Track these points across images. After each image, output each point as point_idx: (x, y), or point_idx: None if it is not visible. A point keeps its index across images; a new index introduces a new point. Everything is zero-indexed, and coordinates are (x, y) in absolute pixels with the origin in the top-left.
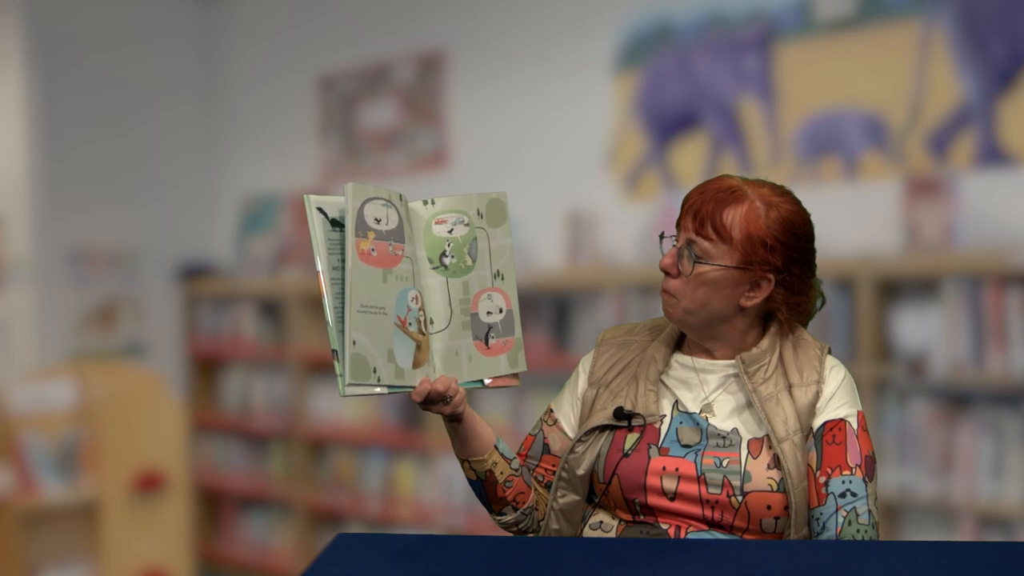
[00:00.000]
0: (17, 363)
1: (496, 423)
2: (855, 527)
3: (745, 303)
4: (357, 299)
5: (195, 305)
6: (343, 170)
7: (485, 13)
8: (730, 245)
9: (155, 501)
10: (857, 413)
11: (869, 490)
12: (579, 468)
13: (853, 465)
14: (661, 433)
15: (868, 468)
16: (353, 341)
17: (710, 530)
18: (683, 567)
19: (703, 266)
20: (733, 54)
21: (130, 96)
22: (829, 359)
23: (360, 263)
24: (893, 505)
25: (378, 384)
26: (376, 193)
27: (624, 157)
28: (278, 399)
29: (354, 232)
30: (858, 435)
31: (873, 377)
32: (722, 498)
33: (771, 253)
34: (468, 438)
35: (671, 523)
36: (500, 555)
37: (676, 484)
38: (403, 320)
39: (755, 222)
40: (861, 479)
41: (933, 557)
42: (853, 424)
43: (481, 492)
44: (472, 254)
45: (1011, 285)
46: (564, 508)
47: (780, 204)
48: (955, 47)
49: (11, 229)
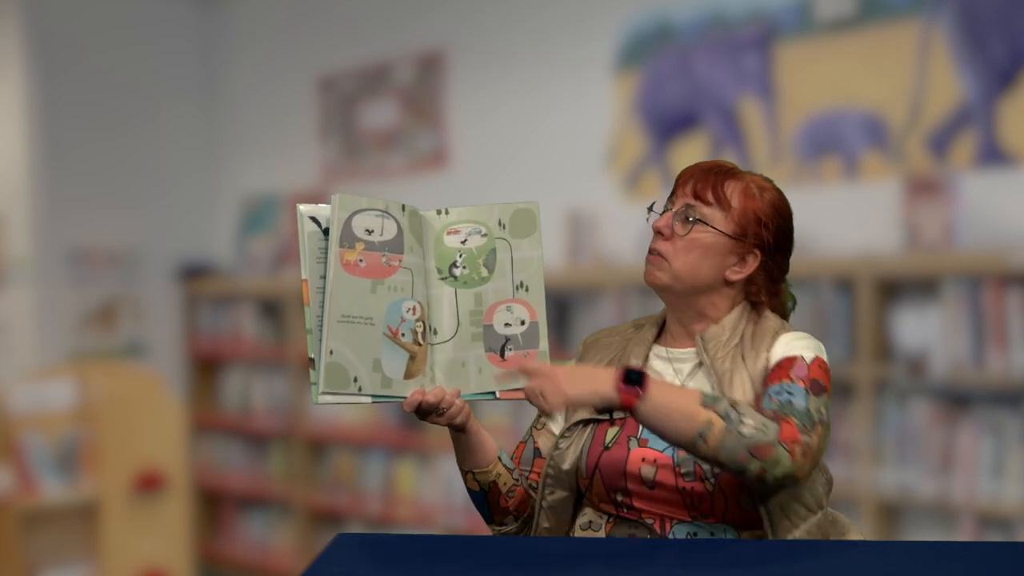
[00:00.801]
0: (17, 363)
1: (496, 425)
2: (785, 409)
3: (731, 276)
4: (338, 309)
5: (195, 305)
6: (343, 170)
7: (485, 13)
8: (727, 213)
9: (155, 501)
10: (815, 357)
11: (811, 400)
12: (564, 463)
13: (796, 377)
14: (640, 425)
15: (814, 386)
16: (330, 351)
17: (693, 522)
18: (683, 567)
19: (701, 227)
20: (733, 54)
21: (130, 96)
22: (789, 334)
23: (343, 273)
24: (893, 505)
25: (359, 393)
26: (370, 204)
27: (624, 157)
28: (278, 399)
29: (338, 242)
30: (809, 367)
31: (873, 377)
32: (696, 485)
33: (764, 230)
34: (473, 449)
35: (654, 516)
36: (500, 555)
37: (654, 473)
38: (394, 330)
39: (752, 198)
40: (804, 389)
41: (933, 557)
42: (807, 359)
43: (484, 503)
44: (488, 265)
45: (1011, 285)
46: (553, 505)
47: (770, 189)
48: (955, 47)
49: (11, 229)
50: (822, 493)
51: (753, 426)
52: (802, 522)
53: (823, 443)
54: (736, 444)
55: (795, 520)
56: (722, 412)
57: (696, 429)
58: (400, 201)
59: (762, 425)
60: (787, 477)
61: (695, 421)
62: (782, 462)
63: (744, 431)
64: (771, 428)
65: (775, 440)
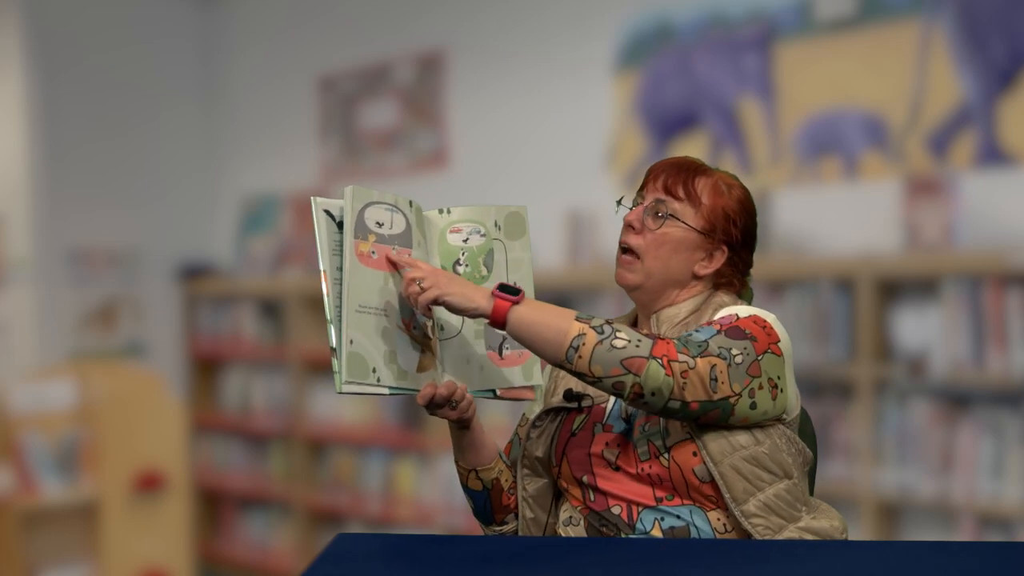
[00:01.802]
0: (17, 363)
1: (496, 425)
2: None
3: (699, 271)
4: (355, 299)
5: (195, 305)
6: (343, 170)
7: (485, 13)
8: (697, 209)
9: (155, 501)
10: (751, 314)
11: (716, 338)
12: (537, 451)
13: (714, 322)
14: (606, 411)
15: (731, 331)
16: (351, 340)
17: (658, 506)
18: (685, 568)
19: (672, 222)
20: (733, 54)
21: (130, 96)
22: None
23: (359, 264)
24: (893, 505)
25: (378, 384)
26: (380, 198)
27: (624, 157)
28: (278, 399)
29: (353, 234)
30: (740, 319)
31: (873, 377)
32: (654, 464)
33: (732, 226)
34: (475, 447)
35: (620, 503)
36: (500, 555)
37: (616, 456)
38: (407, 323)
39: (721, 195)
40: (715, 330)
41: (933, 557)
42: (740, 315)
43: (487, 502)
44: (488, 264)
45: (1011, 285)
46: (534, 495)
47: (738, 187)
48: (955, 47)
49: (11, 229)
50: (790, 464)
51: (626, 339)
52: (766, 486)
53: (731, 382)
54: (608, 356)
55: (756, 483)
56: (596, 326)
57: (568, 341)
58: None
59: (636, 340)
60: (664, 392)
61: (568, 334)
62: (656, 376)
63: (616, 343)
64: (645, 343)
65: (647, 353)
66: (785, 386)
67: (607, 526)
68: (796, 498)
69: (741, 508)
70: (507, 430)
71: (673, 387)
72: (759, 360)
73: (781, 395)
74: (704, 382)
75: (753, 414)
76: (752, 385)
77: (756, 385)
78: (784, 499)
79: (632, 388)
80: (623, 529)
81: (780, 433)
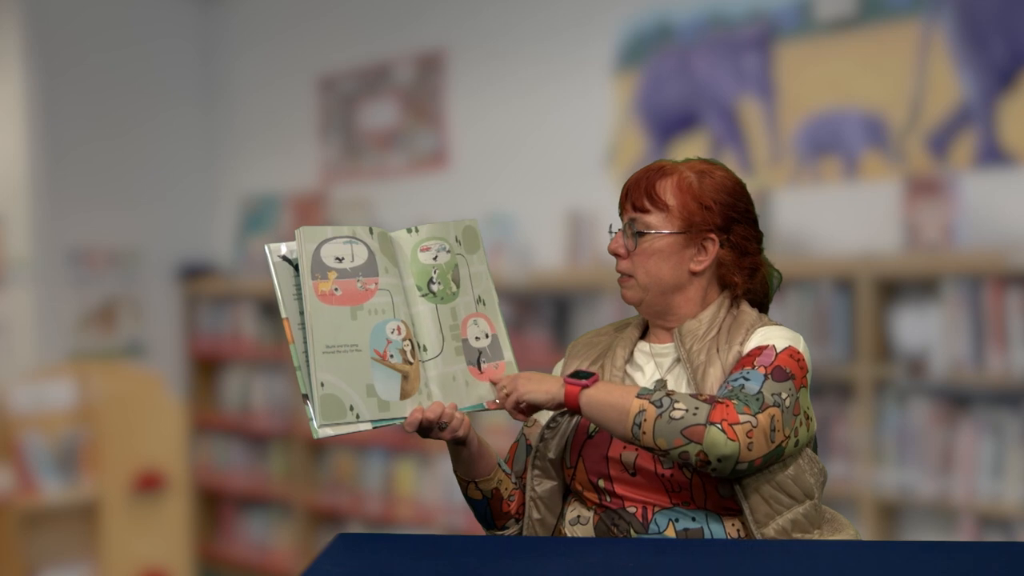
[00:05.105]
0: (17, 363)
1: (496, 424)
2: (734, 393)
3: (695, 268)
4: (322, 340)
5: (195, 305)
6: (343, 170)
7: (485, 13)
8: (667, 212)
9: (155, 501)
10: (787, 346)
11: (768, 384)
12: (549, 452)
13: (758, 364)
14: None
15: (776, 372)
16: (321, 383)
17: (674, 508)
18: (685, 568)
19: (646, 236)
20: (733, 54)
21: (130, 96)
22: (766, 327)
23: (320, 304)
24: (893, 505)
25: (357, 420)
26: (336, 233)
27: (624, 157)
28: (278, 399)
29: (310, 275)
30: (778, 355)
31: (873, 377)
32: (676, 471)
33: (709, 213)
34: (473, 459)
35: (636, 504)
36: (501, 555)
37: (635, 458)
38: (382, 353)
39: (687, 188)
40: (763, 375)
41: (933, 557)
42: (777, 348)
43: (486, 511)
44: (456, 280)
45: (1011, 285)
46: (543, 496)
47: (712, 171)
48: (955, 47)
49: (11, 229)
50: (812, 484)
51: (684, 409)
52: (785, 510)
53: (784, 427)
54: (668, 428)
55: (777, 508)
56: (655, 400)
57: (631, 419)
58: (366, 224)
59: (694, 408)
60: (732, 458)
61: (630, 413)
62: (718, 442)
63: (674, 415)
64: (703, 409)
65: (705, 420)
66: (812, 413)
67: (618, 525)
68: (812, 520)
69: (762, 531)
70: (506, 431)
71: (739, 451)
72: (798, 398)
73: (811, 424)
74: (766, 435)
75: (795, 450)
76: (796, 424)
77: (798, 423)
78: (801, 523)
79: (697, 456)
80: (635, 528)
81: (803, 454)
